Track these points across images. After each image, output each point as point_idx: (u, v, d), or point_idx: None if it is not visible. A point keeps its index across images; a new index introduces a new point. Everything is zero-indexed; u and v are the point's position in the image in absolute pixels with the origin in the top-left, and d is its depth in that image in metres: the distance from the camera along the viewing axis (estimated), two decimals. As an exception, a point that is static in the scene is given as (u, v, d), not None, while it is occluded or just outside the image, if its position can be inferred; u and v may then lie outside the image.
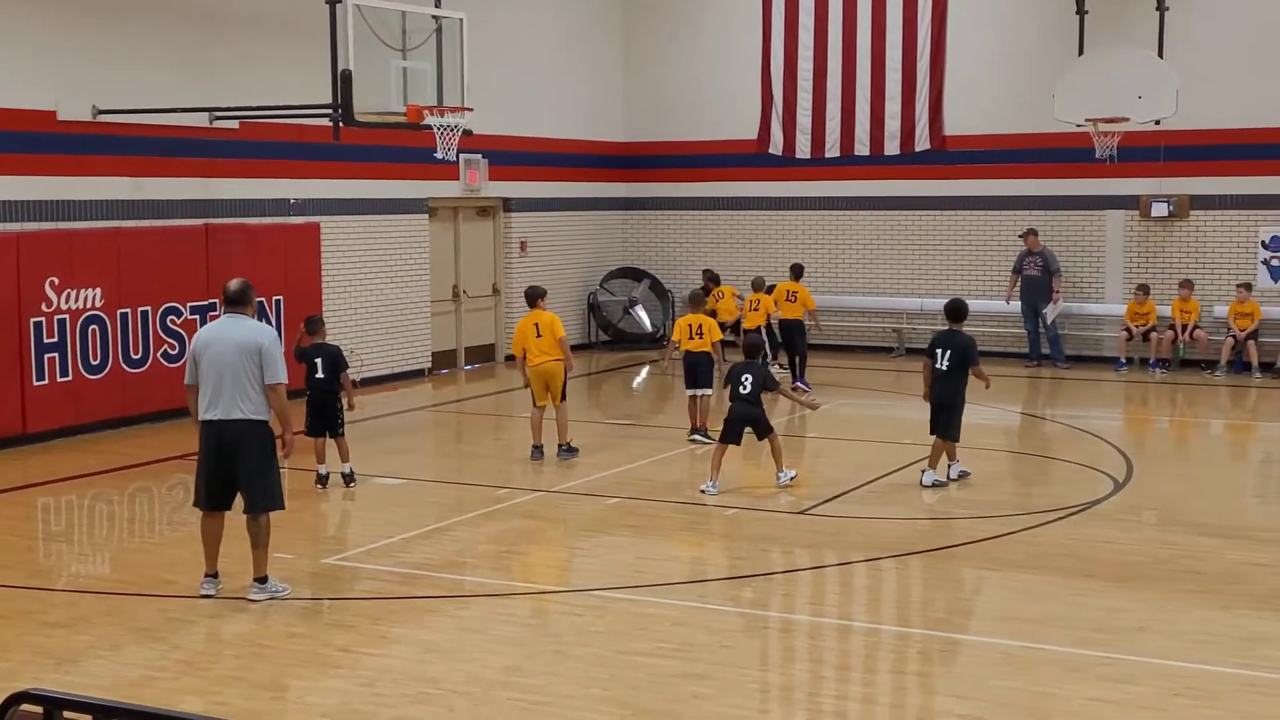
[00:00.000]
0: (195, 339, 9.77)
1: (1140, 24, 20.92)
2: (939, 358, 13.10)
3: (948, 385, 13.11)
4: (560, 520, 12.32)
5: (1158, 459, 15.45)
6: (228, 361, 9.42)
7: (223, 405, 9.46)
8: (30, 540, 11.80)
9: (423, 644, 8.76)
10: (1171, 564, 10.64)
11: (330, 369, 13.27)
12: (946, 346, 13.12)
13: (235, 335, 9.50)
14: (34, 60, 15.38)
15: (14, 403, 15.03)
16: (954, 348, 13.08)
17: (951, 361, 13.03)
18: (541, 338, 14.47)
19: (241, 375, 9.42)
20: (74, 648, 8.68)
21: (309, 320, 13.84)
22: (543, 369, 14.51)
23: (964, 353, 13.08)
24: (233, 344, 9.45)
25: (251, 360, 9.43)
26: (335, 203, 19.19)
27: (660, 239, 25.28)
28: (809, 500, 12.73)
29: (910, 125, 23.08)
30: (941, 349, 13.12)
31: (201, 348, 9.56)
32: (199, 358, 9.55)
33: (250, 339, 9.48)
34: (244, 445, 9.51)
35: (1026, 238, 21.86)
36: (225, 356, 9.43)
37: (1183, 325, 21.13)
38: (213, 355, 9.47)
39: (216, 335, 9.59)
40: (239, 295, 9.71)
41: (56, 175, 15.64)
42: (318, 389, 13.30)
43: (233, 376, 9.42)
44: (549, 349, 14.45)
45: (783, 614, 9.80)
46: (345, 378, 13.42)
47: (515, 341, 14.80)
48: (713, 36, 24.56)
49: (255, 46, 17.70)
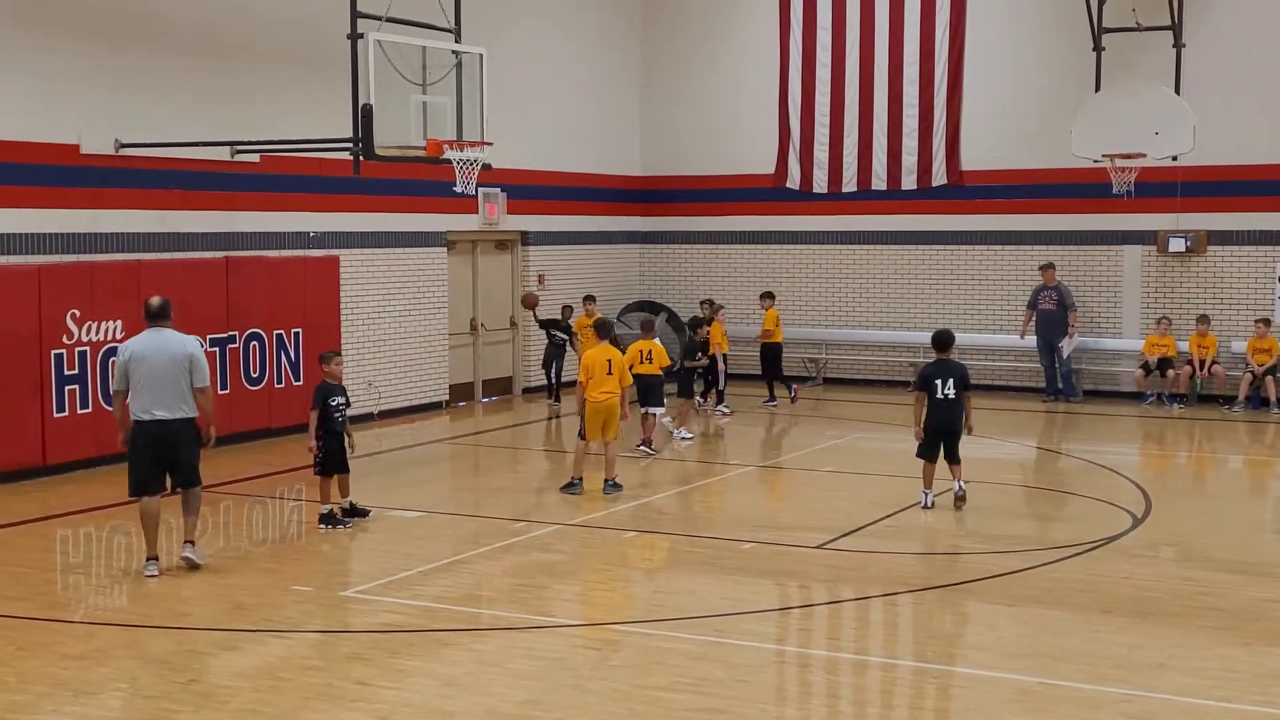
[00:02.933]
0: (125, 351, 11.23)
1: (1157, 61, 20.96)
2: (939, 387, 13.44)
3: (953, 412, 13.51)
4: (577, 554, 12.31)
5: (1176, 494, 15.39)
6: (166, 371, 11.01)
7: (166, 407, 11.05)
8: (49, 572, 11.83)
9: (440, 677, 8.76)
10: (1191, 600, 10.60)
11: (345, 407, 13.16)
12: (946, 375, 13.50)
13: (169, 348, 11.09)
14: (58, 94, 15.51)
15: (34, 434, 15.10)
16: (955, 375, 13.54)
17: (955, 388, 13.45)
18: (612, 375, 14.47)
19: (180, 382, 11.06)
20: (92, 680, 8.70)
21: (324, 356, 13.66)
22: (606, 405, 14.41)
23: (964, 378, 13.60)
24: (167, 356, 11.04)
25: (183, 369, 11.05)
26: (354, 236, 19.29)
27: (677, 272, 25.33)
28: (826, 535, 12.71)
29: (927, 160, 23.15)
30: (941, 379, 13.48)
31: (137, 360, 11.05)
32: (131, 369, 11.06)
33: (181, 350, 11.11)
34: (183, 438, 11.23)
35: (1044, 271, 21.86)
36: (162, 367, 11.01)
37: (1200, 361, 21.09)
38: (150, 367, 11.01)
39: (150, 348, 11.09)
40: (161, 310, 11.30)
41: (79, 208, 15.75)
42: (334, 428, 12.98)
43: (172, 383, 11.04)
44: (616, 387, 14.48)
45: (800, 649, 9.78)
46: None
47: (582, 369, 14.66)
48: (730, 71, 24.66)
49: (276, 81, 17.84)
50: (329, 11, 16.16)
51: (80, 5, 15.72)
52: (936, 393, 13.46)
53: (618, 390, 14.46)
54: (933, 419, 13.54)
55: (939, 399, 13.46)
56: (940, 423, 13.51)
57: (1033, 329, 21.98)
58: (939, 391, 13.44)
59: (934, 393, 13.47)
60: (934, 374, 13.58)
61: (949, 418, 13.49)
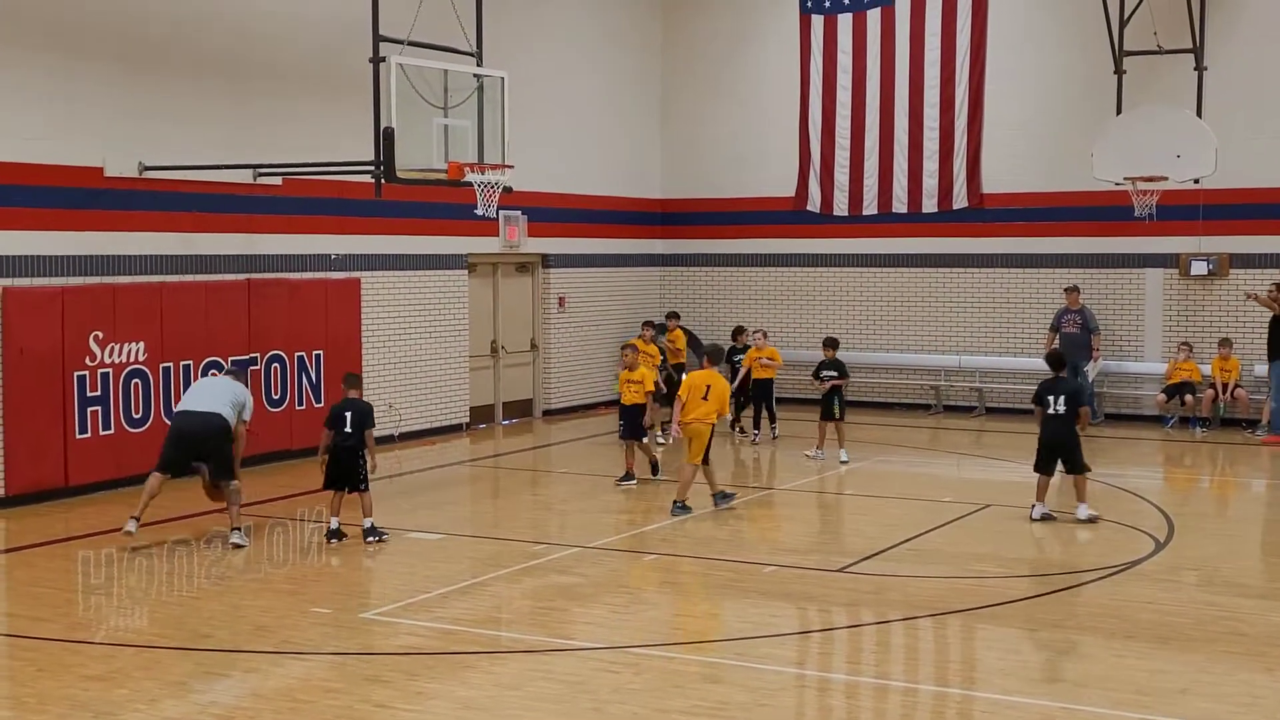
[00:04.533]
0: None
1: (1178, 83, 20.93)
2: (1051, 403, 14.27)
3: (1062, 426, 14.27)
4: (597, 576, 12.29)
5: (1199, 518, 15.31)
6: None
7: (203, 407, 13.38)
8: (70, 593, 11.87)
9: (459, 700, 8.75)
10: (1214, 625, 10.53)
11: (358, 425, 13.27)
12: (1058, 392, 14.31)
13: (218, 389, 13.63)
14: (82, 118, 15.62)
15: (56, 455, 15.16)
16: (1066, 393, 14.35)
17: (1066, 405, 14.22)
18: (708, 401, 14.49)
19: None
20: (112, 701, 8.71)
21: (346, 376, 13.83)
22: (693, 428, 14.52)
23: (1075, 396, 14.43)
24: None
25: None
26: (376, 258, 19.34)
27: (698, 295, 25.34)
28: (847, 558, 12.68)
29: (948, 183, 23.15)
30: (1053, 395, 14.31)
31: None
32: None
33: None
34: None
35: (1069, 294, 21.80)
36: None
37: (1223, 384, 21.00)
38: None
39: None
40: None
41: (102, 230, 15.84)
42: (343, 443, 13.26)
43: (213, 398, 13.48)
44: (706, 415, 14.48)
45: (820, 672, 9.75)
46: (369, 435, 13.36)
47: (682, 390, 14.82)
48: (750, 93, 24.70)
49: (299, 104, 17.93)
50: (351, 35, 16.24)
51: (105, 30, 15.83)
52: (1049, 408, 14.28)
53: (708, 417, 14.45)
54: (1044, 432, 14.38)
55: (1050, 414, 14.29)
56: (1050, 435, 14.30)
57: (1055, 352, 21.89)
58: (1050, 407, 14.27)
59: (1046, 408, 14.31)
60: (1045, 390, 14.42)
61: (1055, 430, 14.28)
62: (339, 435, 13.23)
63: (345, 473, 13.22)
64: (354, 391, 13.54)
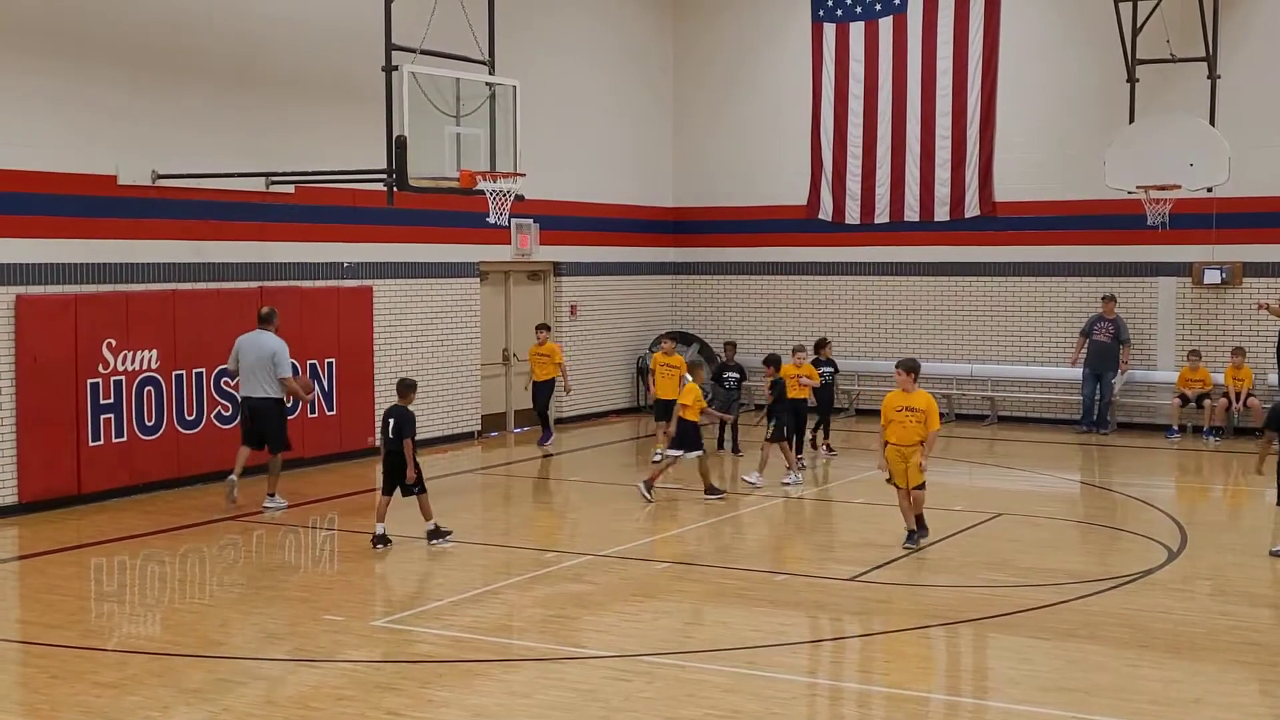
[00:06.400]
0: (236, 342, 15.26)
1: (1191, 92, 20.90)
2: None
3: None
4: (609, 584, 12.29)
5: (1212, 528, 15.25)
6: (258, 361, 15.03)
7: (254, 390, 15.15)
8: (83, 600, 11.89)
9: (470, 708, 8.75)
10: (1227, 635, 10.50)
11: (397, 432, 13.35)
12: None
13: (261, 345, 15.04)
14: (96, 126, 15.67)
15: (69, 463, 15.20)
16: None
17: None
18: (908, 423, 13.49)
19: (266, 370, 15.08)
20: (124, 708, 8.72)
21: (399, 382, 13.97)
22: (895, 451, 13.48)
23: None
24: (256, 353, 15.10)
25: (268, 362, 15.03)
26: (388, 266, 19.38)
27: (709, 303, 25.35)
28: (859, 567, 12.66)
29: (960, 191, 23.13)
30: None
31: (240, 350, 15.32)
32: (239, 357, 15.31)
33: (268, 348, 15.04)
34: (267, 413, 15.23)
35: (1105, 303, 21.73)
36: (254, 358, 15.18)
37: (1236, 393, 20.94)
38: (245, 358, 15.29)
39: (249, 343, 15.23)
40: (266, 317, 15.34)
41: (115, 238, 15.88)
42: (390, 448, 13.46)
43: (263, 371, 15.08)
44: (911, 436, 13.35)
45: (832, 681, 9.73)
46: (407, 445, 13.39)
47: (883, 412, 13.71)
48: (762, 102, 24.71)
49: (311, 113, 17.97)
50: (364, 44, 16.28)
51: (118, 39, 15.89)
52: None
53: (909, 440, 13.35)
54: None
55: None
56: None
57: (1083, 357, 21.83)
58: None
59: None
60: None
61: None
62: (385, 440, 13.49)
63: (393, 476, 13.44)
64: (404, 397, 13.60)
